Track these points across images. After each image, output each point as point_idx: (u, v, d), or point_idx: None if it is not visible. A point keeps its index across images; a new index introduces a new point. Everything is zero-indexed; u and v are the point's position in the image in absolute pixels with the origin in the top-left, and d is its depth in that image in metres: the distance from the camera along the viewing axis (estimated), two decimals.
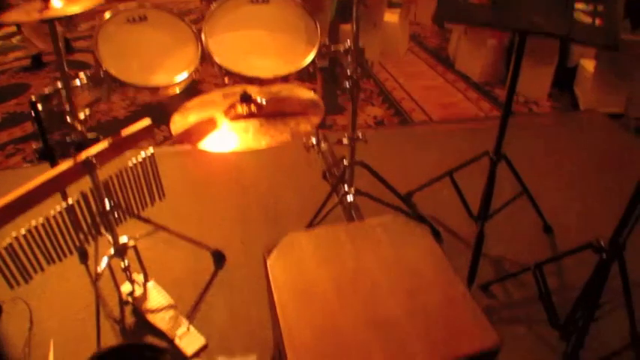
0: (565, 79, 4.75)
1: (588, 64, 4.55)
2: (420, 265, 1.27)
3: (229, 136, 1.72)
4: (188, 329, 2.03)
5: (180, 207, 2.72)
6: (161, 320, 2.06)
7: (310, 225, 2.35)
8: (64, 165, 1.57)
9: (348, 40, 1.99)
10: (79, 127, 1.76)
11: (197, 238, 2.30)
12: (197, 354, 1.97)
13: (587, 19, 1.77)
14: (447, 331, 1.10)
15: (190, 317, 2.11)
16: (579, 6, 1.76)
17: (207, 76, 4.40)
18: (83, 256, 2.40)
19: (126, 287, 2.19)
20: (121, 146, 1.73)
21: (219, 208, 2.77)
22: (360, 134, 2.24)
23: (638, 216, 1.60)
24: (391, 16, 5.19)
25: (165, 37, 1.85)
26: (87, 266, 2.38)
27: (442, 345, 1.07)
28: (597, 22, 1.76)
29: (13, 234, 1.60)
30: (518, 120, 3.78)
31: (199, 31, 1.88)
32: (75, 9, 1.71)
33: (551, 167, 3.09)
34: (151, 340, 2.00)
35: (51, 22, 1.77)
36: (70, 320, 2.11)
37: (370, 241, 1.35)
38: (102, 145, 1.67)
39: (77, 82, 1.71)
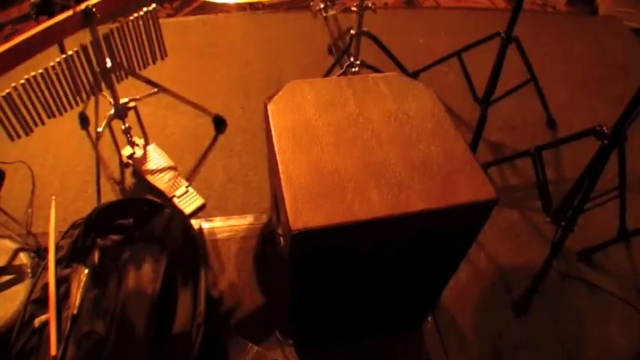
0: None
1: None
2: (422, 119, 1.26)
3: None
4: (187, 190, 2.08)
5: (182, 74, 2.67)
6: (160, 181, 2.10)
7: None
8: (64, 15, 1.52)
9: None
10: None
11: (198, 103, 2.29)
12: (195, 213, 2.03)
13: None
14: (443, 179, 1.11)
15: (190, 179, 2.15)
16: None
17: None
18: (84, 122, 2.40)
19: (126, 150, 2.20)
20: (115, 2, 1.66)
21: (221, 76, 2.73)
22: (369, 3, 2.15)
23: None
24: None
25: None
26: (88, 132, 2.39)
27: (438, 191, 1.08)
28: None
29: (12, 84, 1.58)
30: (534, 17, 3.61)
31: None
32: None
33: (561, 66, 2.99)
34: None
35: None
36: (72, 182, 2.17)
37: (372, 92, 1.32)
38: None
39: None
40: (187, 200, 2.05)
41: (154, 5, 1.80)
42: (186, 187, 2.09)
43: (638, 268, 1.96)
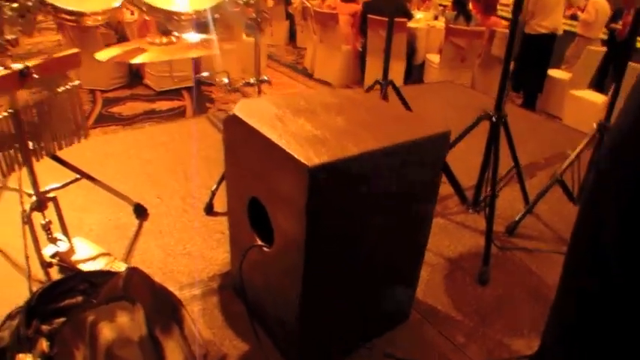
0: (415, 75, 5.48)
1: (434, 57, 5.29)
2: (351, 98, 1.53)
3: (157, 53, 1.80)
4: None
5: (94, 170, 2.59)
6: (97, 267, 1.95)
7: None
8: (4, 70, 1.51)
9: None
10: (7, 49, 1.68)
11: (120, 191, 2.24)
12: None
13: None
14: (410, 125, 1.32)
15: (127, 262, 2.03)
16: None
17: None
18: None
19: (47, 249, 2.02)
20: (51, 67, 1.70)
21: (126, 177, 2.68)
22: (265, 77, 2.41)
23: (507, 92, 1.99)
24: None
25: None
26: None
27: (409, 130, 1.30)
28: None
29: None
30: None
31: None
32: None
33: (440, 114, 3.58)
34: None
35: None
36: None
37: (319, 97, 1.57)
38: (37, 60, 1.63)
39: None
40: None
41: (78, 81, 1.84)
42: (127, 267, 1.97)
43: (553, 226, 2.31)
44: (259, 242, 1.52)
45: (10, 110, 1.63)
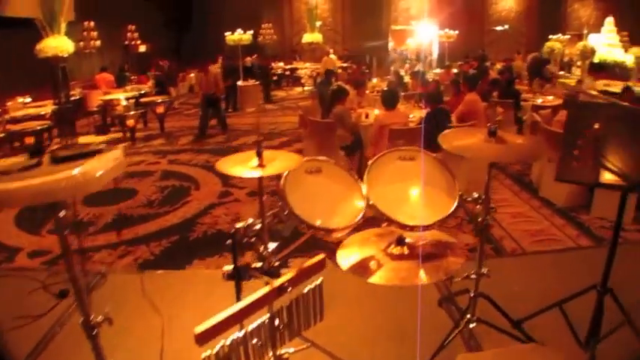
0: None
1: None
2: None
3: (392, 273, 2.11)
4: None
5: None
6: None
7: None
8: (266, 288, 1.99)
9: (475, 193, 2.46)
10: (267, 257, 2.20)
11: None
12: None
13: None
14: None
15: None
16: None
17: None
18: None
19: None
20: (301, 277, 2.14)
21: (350, 329, 3.07)
22: (484, 270, 2.58)
23: None
24: None
25: (336, 186, 2.35)
26: None
27: None
28: None
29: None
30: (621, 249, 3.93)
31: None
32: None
33: None
34: None
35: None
36: None
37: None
38: (290, 274, 2.08)
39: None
40: None
41: (320, 278, 2.28)
42: None
43: None
44: None
45: (267, 315, 2.11)
